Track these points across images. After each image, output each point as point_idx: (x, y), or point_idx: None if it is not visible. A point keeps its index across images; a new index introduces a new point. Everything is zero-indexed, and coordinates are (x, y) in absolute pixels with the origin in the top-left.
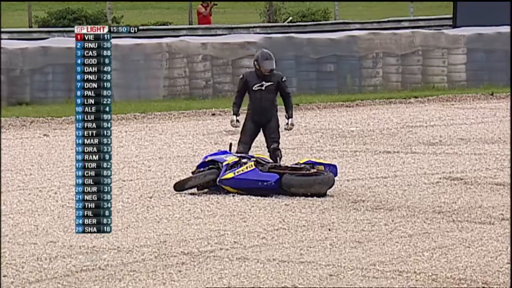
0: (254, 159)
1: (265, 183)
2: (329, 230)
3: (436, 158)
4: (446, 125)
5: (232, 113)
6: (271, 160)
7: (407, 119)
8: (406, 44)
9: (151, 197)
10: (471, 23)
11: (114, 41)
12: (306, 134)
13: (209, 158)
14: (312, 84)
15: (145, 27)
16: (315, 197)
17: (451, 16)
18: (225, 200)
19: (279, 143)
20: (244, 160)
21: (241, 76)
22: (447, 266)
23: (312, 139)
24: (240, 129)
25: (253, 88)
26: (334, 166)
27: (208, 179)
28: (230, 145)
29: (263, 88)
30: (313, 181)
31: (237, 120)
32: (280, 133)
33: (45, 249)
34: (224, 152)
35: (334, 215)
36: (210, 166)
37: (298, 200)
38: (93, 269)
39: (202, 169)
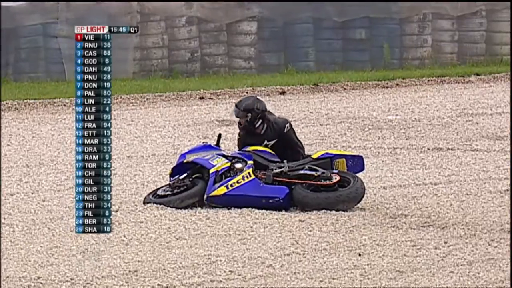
0: (252, 161)
1: (270, 201)
2: (359, 255)
3: (505, 157)
4: None
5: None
6: (272, 153)
7: (465, 104)
8: (464, 3)
9: (117, 211)
10: None
11: None
12: (327, 124)
13: (189, 158)
14: (336, 57)
15: None
16: (340, 211)
17: None
18: (218, 214)
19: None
20: (238, 166)
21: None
22: None
23: (337, 131)
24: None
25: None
26: (360, 157)
27: (191, 202)
28: (219, 136)
29: (269, 147)
30: (335, 199)
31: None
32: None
33: None
34: (209, 147)
35: (366, 235)
36: (194, 177)
37: (316, 214)
38: None
39: (179, 176)
